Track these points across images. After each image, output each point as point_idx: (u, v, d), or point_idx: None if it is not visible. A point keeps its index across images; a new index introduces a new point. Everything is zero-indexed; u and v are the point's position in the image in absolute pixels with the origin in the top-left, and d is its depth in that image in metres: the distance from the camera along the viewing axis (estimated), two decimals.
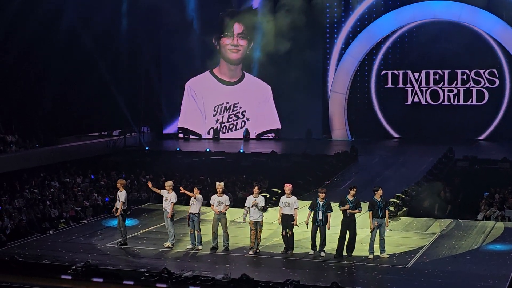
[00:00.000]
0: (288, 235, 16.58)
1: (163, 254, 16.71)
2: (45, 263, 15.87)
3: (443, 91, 35.15)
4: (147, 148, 32.74)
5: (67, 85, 31.52)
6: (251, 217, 16.57)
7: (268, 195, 21.44)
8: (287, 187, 16.76)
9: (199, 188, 17.17)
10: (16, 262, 15.57)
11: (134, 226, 19.33)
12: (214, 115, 37.23)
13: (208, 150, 31.13)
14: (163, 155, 31.07)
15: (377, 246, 16.27)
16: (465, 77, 34.73)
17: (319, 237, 16.41)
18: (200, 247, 16.97)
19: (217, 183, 17.15)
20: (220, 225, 16.86)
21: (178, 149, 32.10)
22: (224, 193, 17.10)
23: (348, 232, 16.25)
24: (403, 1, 34.80)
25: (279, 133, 36.73)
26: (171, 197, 17.14)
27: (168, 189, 17.23)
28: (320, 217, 16.31)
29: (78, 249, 17.24)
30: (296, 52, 33.44)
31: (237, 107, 37.06)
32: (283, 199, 16.67)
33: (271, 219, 18.98)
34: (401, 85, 35.74)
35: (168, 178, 21.72)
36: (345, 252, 16.29)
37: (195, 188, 17.13)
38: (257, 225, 16.55)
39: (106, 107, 33.11)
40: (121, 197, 17.36)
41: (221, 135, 37.04)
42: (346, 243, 16.28)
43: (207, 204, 17.86)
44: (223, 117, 37.20)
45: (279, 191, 20.97)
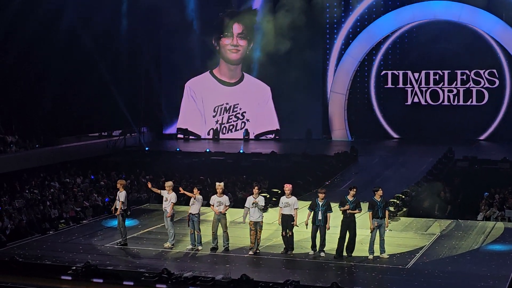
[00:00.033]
0: (288, 235, 16.58)
1: (163, 255, 16.70)
2: (45, 263, 15.86)
3: (443, 91, 35.14)
4: (147, 148, 32.73)
5: (67, 85, 31.51)
6: (251, 217, 16.56)
7: (268, 196, 21.42)
8: (287, 187, 16.76)
9: (199, 189, 17.16)
10: (16, 263, 15.57)
11: (134, 227, 19.34)
12: (214, 116, 37.21)
13: (208, 150, 31.11)
14: (163, 155, 31.03)
15: (377, 246, 16.27)
16: (465, 77, 34.72)
17: (319, 237, 16.41)
18: (200, 247, 16.97)
19: (217, 183, 17.15)
20: (220, 225, 16.85)
21: (178, 149, 32.09)
22: (224, 193, 17.10)
23: (348, 232, 16.25)
24: (403, 1, 34.79)
25: (278, 134, 36.72)
26: (171, 197, 17.13)
27: (168, 190, 17.23)
28: (319, 217, 16.30)
29: (78, 249, 17.24)
30: (296, 52, 33.40)
31: (237, 108, 37.04)
32: (283, 199, 16.67)
33: (271, 220, 18.97)
34: (401, 85, 35.73)
35: (168, 178, 21.70)
36: (345, 253, 16.29)
37: (195, 189, 17.13)
38: (257, 226, 16.54)
39: (106, 107, 33.09)
40: (121, 197, 17.36)
41: (221, 136, 37.03)
42: (346, 243, 16.28)
43: (207, 204, 17.84)
44: (223, 118, 37.17)
45: (279, 192, 20.97)
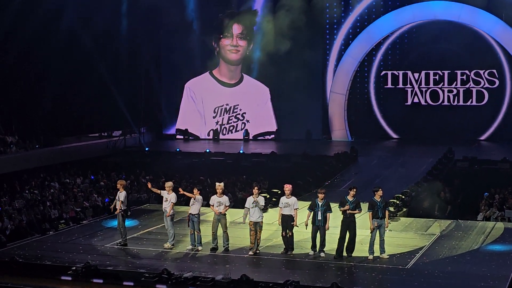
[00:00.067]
0: (288, 235, 16.58)
1: (163, 255, 16.70)
2: (45, 264, 15.86)
3: (443, 91, 35.14)
4: (147, 148, 32.71)
5: (67, 85, 31.51)
6: (251, 217, 16.55)
7: (268, 196, 21.42)
8: (287, 187, 16.76)
9: (199, 189, 17.15)
10: (16, 263, 15.57)
11: (134, 227, 19.33)
12: (214, 117, 37.21)
13: (208, 151, 31.10)
14: (163, 155, 31.02)
15: (377, 246, 16.26)
16: (464, 77, 34.73)
17: (319, 237, 16.41)
18: (200, 247, 16.96)
19: (217, 183, 17.14)
20: (220, 225, 16.85)
21: (178, 149, 32.08)
22: (224, 193, 17.10)
23: (348, 232, 16.25)
24: (403, 1, 34.81)
25: (276, 135, 36.67)
26: (171, 197, 17.13)
27: (168, 190, 17.22)
28: (319, 217, 16.29)
29: (78, 250, 17.23)
30: (296, 52, 33.38)
31: (237, 108, 37.03)
32: (283, 199, 16.67)
33: (271, 220, 18.97)
34: (401, 85, 35.73)
35: (168, 178, 21.69)
36: (345, 253, 16.28)
37: (195, 189, 17.12)
38: (256, 226, 16.54)
39: (106, 107, 33.10)
40: (121, 197, 17.36)
41: (221, 137, 37.01)
42: (346, 243, 16.28)
43: (207, 204, 17.83)
44: (223, 118, 37.17)
45: (279, 192, 20.96)
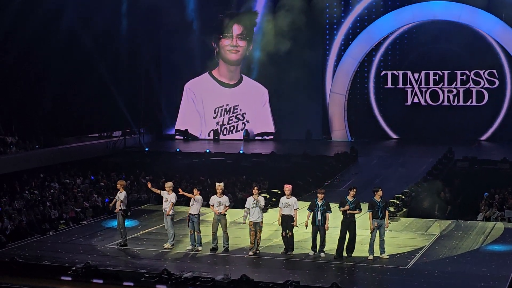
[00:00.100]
0: (288, 235, 16.57)
1: (163, 255, 16.70)
2: (45, 264, 15.86)
3: (443, 91, 35.13)
4: (147, 149, 32.70)
5: (67, 85, 31.50)
6: (251, 218, 16.55)
7: (268, 196, 21.41)
8: (287, 187, 16.76)
9: (198, 189, 17.15)
10: (16, 263, 15.57)
11: (134, 227, 19.33)
12: (214, 117, 37.21)
13: (208, 151, 31.09)
14: (163, 156, 31.00)
15: (377, 246, 16.26)
16: (464, 77, 34.72)
17: (319, 238, 16.40)
18: (200, 248, 16.96)
19: (216, 183, 17.13)
20: (220, 226, 16.85)
21: (178, 150, 32.08)
22: (224, 194, 17.10)
23: (348, 232, 16.25)
24: (402, 1, 34.81)
25: (273, 136, 36.68)
26: (171, 197, 17.13)
27: (168, 190, 17.22)
28: (319, 217, 16.29)
29: (78, 250, 17.23)
30: (296, 52, 33.36)
31: (237, 109, 37.03)
32: (283, 199, 16.66)
33: (271, 220, 18.96)
34: (400, 85, 35.72)
35: (168, 179, 21.66)
36: (345, 253, 16.28)
37: (194, 189, 17.12)
38: (256, 226, 16.54)
39: (106, 107, 33.10)
40: (121, 197, 17.37)
41: (221, 137, 36.99)
42: (346, 243, 16.28)
43: (207, 205, 17.83)
44: (223, 119, 37.17)
45: (279, 192, 20.94)
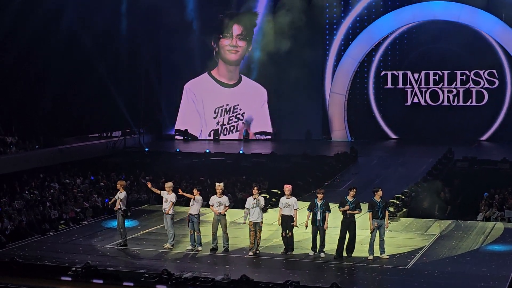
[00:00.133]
0: (288, 236, 16.58)
1: (162, 255, 16.70)
2: (45, 264, 15.86)
3: (443, 91, 35.13)
4: (147, 149, 32.68)
5: (67, 85, 31.48)
6: (251, 218, 16.55)
7: (268, 196, 21.41)
8: (286, 188, 16.76)
9: (198, 189, 17.15)
10: (16, 264, 15.57)
11: (134, 227, 19.33)
12: (214, 117, 37.20)
13: (207, 151, 31.09)
14: (163, 156, 30.98)
15: (377, 247, 16.27)
16: (464, 77, 34.73)
17: (319, 238, 16.40)
18: (199, 248, 16.96)
19: (216, 184, 17.12)
20: (219, 226, 16.86)
21: (178, 150, 32.07)
22: (223, 194, 17.10)
23: (348, 233, 16.25)
24: (402, 1, 34.81)
25: (271, 137, 36.66)
26: (171, 198, 17.13)
27: (168, 190, 17.22)
28: (318, 217, 16.30)
29: (78, 250, 17.23)
30: (296, 52, 33.34)
31: (237, 108, 37.02)
32: (283, 200, 16.67)
33: (271, 220, 18.95)
34: (400, 86, 35.72)
35: (168, 179, 21.65)
36: (345, 253, 16.29)
37: (194, 189, 17.12)
38: (256, 226, 16.54)
39: (106, 107, 33.09)
40: (121, 197, 17.36)
41: (222, 137, 36.98)
42: (346, 244, 16.29)
43: (207, 205, 17.83)
44: (223, 119, 37.16)
45: (279, 192, 20.94)
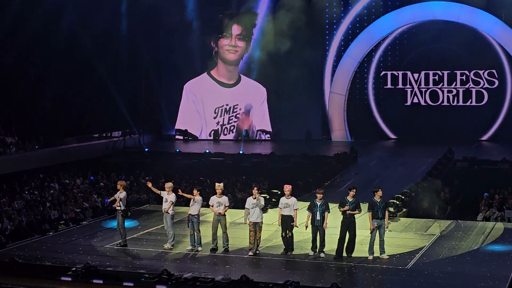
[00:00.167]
0: (288, 236, 16.58)
1: (162, 256, 16.71)
2: (45, 264, 15.86)
3: (443, 92, 35.14)
4: (146, 149, 32.68)
5: (67, 85, 31.44)
6: (251, 218, 16.55)
7: (268, 196, 21.41)
8: (286, 188, 16.76)
9: (198, 190, 17.15)
10: (16, 264, 15.56)
11: (134, 228, 19.34)
12: (215, 117, 37.19)
13: (207, 151, 31.08)
14: (163, 156, 30.97)
15: (376, 247, 16.27)
16: (464, 77, 34.73)
17: (319, 238, 16.41)
18: (199, 248, 16.97)
19: (216, 184, 17.12)
20: (219, 226, 16.86)
21: (178, 150, 32.07)
22: (223, 194, 17.11)
23: (347, 233, 16.26)
24: (402, 1, 34.81)
25: (270, 136, 36.66)
26: (171, 198, 17.13)
27: (168, 191, 17.22)
28: (318, 217, 16.30)
29: (77, 250, 17.23)
30: (296, 52, 33.33)
31: (236, 108, 37.02)
32: (283, 200, 16.67)
33: (270, 220, 18.95)
34: (400, 86, 35.72)
35: (168, 179, 21.65)
36: (344, 253, 16.29)
37: (194, 190, 17.12)
38: (256, 226, 16.54)
39: (106, 107, 33.08)
40: (120, 197, 17.36)
41: (222, 137, 36.98)
42: (345, 244, 16.29)
43: (207, 205, 17.83)
44: (223, 119, 37.16)
45: (279, 192, 20.95)
